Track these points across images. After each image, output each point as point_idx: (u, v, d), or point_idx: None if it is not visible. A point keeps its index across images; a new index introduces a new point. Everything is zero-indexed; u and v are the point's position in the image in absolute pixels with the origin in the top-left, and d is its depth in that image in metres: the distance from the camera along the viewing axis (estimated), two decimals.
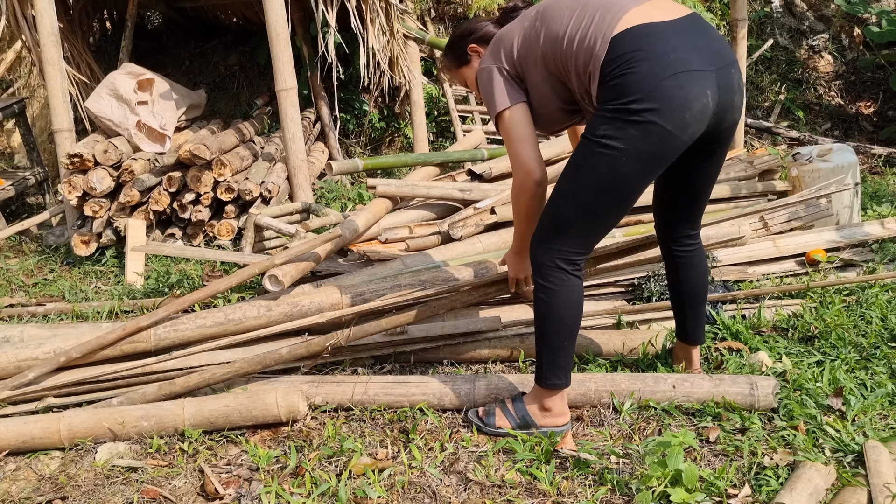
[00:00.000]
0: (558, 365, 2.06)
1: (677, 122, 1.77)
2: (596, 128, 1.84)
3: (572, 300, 2.01)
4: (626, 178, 1.85)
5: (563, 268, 1.98)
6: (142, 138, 4.55)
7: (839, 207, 3.83)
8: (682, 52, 1.77)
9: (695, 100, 1.77)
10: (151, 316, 2.49)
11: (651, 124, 1.76)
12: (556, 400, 2.11)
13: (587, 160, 1.88)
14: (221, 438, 2.21)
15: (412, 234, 3.22)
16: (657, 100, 1.75)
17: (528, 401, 2.15)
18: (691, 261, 2.26)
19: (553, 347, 2.05)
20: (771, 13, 7.38)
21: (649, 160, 1.83)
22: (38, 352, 2.45)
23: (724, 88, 1.83)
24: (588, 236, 1.98)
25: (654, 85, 1.74)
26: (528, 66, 2.02)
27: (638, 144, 1.79)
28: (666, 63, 1.75)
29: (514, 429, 2.13)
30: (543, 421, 2.12)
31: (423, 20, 6.81)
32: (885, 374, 2.39)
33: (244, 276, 2.66)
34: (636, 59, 1.76)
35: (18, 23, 4.51)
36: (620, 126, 1.79)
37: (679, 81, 1.75)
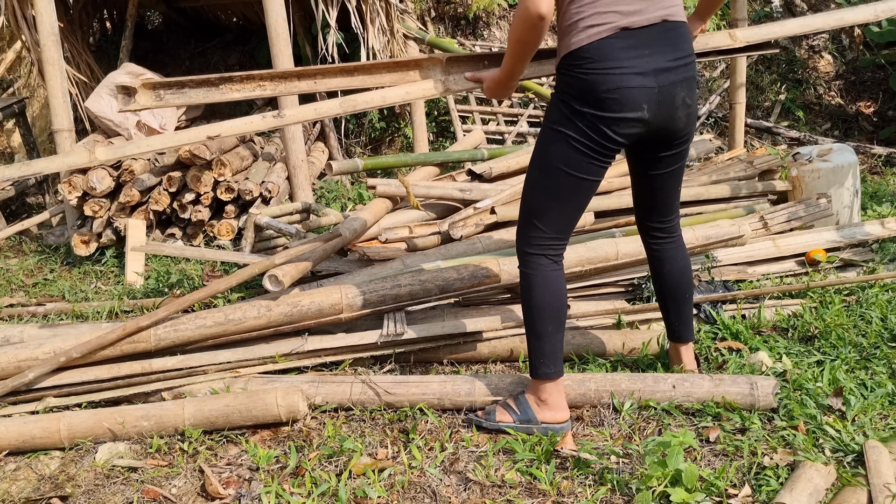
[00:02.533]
0: (545, 353, 2.11)
1: (610, 124, 1.96)
2: (551, 114, 2.04)
3: (552, 286, 2.08)
4: (579, 161, 2.00)
5: (541, 254, 2.08)
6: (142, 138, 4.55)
7: (839, 207, 3.83)
8: (628, 69, 1.92)
9: (629, 111, 1.94)
10: (152, 316, 2.49)
11: (590, 123, 1.96)
12: (552, 392, 2.13)
13: (546, 146, 2.05)
14: (221, 438, 2.21)
15: (412, 234, 3.22)
16: (596, 107, 1.94)
17: (528, 395, 2.18)
18: (666, 254, 2.32)
19: (538, 334, 2.10)
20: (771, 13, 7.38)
21: (594, 149, 1.99)
22: (38, 352, 2.45)
23: (663, 104, 1.98)
24: (560, 221, 2.08)
25: (597, 96, 1.93)
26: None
27: (581, 135, 1.97)
28: (610, 78, 1.92)
29: (515, 422, 2.14)
30: (543, 416, 2.13)
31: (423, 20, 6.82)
32: (885, 374, 2.39)
33: (244, 276, 2.66)
34: (589, 69, 1.93)
35: (18, 23, 4.52)
36: (568, 116, 1.98)
37: (616, 96, 1.93)
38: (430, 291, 2.66)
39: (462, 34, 6.97)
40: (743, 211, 3.72)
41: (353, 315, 2.62)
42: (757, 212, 3.62)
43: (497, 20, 7.14)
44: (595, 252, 2.83)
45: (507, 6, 7.22)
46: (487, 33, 7.07)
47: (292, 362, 2.54)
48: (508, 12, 7.27)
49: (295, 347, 2.55)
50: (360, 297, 2.61)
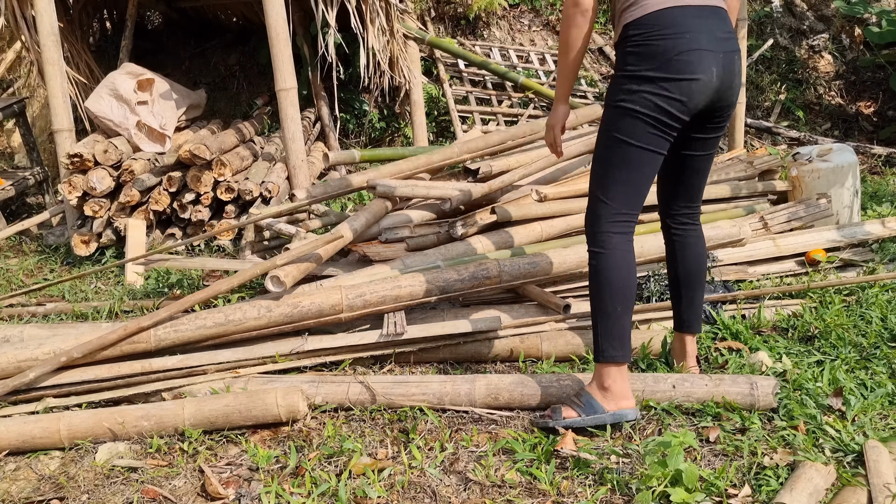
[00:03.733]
0: (613, 335, 2.09)
1: (685, 89, 2.01)
2: (614, 94, 2.08)
3: (621, 264, 2.09)
4: (645, 133, 2.04)
5: (611, 231, 2.10)
6: (142, 138, 4.56)
7: (839, 207, 3.83)
8: (696, 33, 2.00)
9: (701, 73, 2.01)
10: (152, 316, 2.49)
11: (661, 89, 2.00)
12: (615, 377, 2.10)
13: (610, 124, 2.09)
14: (221, 438, 2.21)
15: (412, 234, 3.22)
16: (669, 70, 1.99)
17: (590, 386, 2.15)
18: (688, 240, 2.35)
19: (606, 314, 2.09)
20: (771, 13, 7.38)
21: (659, 121, 2.03)
22: (38, 352, 2.45)
23: (726, 69, 2.05)
24: (628, 195, 2.10)
25: (669, 58, 1.99)
26: None
27: (647, 103, 2.01)
28: (682, 41, 1.99)
29: (582, 417, 2.11)
30: (609, 405, 2.11)
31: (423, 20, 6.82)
32: (885, 374, 2.39)
33: (246, 277, 2.66)
34: (658, 35, 2.00)
35: (18, 23, 4.51)
36: (635, 90, 2.02)
37: (690, 57, 1.99)
38: (430, 292, 2.66)
39: (462, 34, 6.97)
40: (743, 211, 3.72)
41: (354, 315, 2.62)
42: (757, 212, 3.63)
43: (497, 20, 7.14)
44: None
45: (507, 6, 7.22)
46: (487, 33, 7.07)
47: (292, 362, 2.54)
48: (509, 12, 7.27)
49: (295, 347, 2.55)
50: (361, 298, 2.61)
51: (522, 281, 2.79)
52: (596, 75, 6.84)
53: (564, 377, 2.31)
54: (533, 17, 7.35)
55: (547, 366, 2.55)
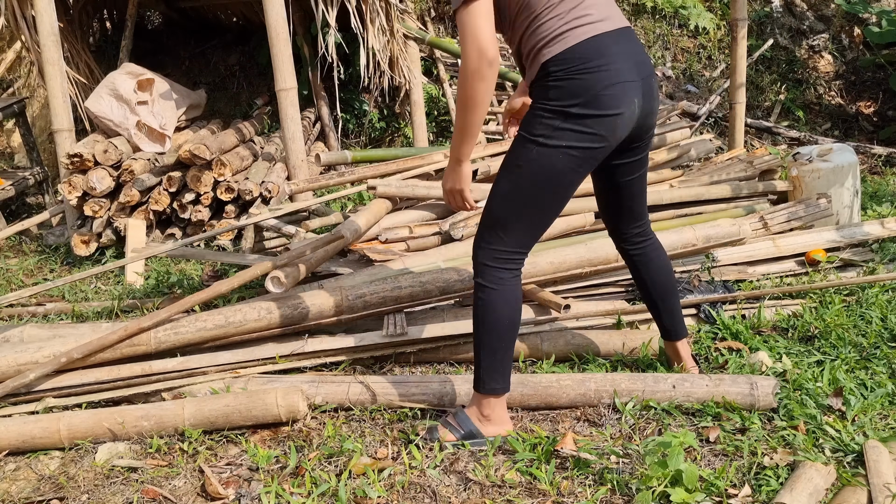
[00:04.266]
0: (496, 369, 2.05)
1: (608, 127, 1.92)
2: (533, 127, 1.94)
3: (511, 299, 2.03)
4: (562, 175, 1.95)
5: (502, 267, 2.02)
6: (142, 138, 4.56)
7: (839, 207, 3.83)
8: (619, 64, 1.92)
9: (625, 107, 1.93)
10: (152, 317, 2.49)
11: (587, 128, 1.90)
12: (494, 407, 2.09)
13: (525, 159, 1.96)
14: (221, 438, 2.21)
15: (412, 234, 3.22)
16: (595, 107, 1.89)
17: (470, 410, 2.12)
18: (648, 256, 2.31)
19: (491, 349, 2.04)
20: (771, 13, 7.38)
21: (582, 159, 1.94)
22: (37, 355, 2.44)
23: (646, 97, 1.99)
24: (527, 235, 2.03)
25: (596, 93, 1.89)
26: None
27: (573, 144, 1.91)
28: (607, 73, 1.90)
29: (458, 440, 2.09)
30: (486, 431, 2.09)
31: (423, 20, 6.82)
32: (885, 374, 2.39)
33: (246, 278, 2.66)
34: (584, 69, 1.89)
35: (18, 23, 4.52)
36: (558, 126, 1.91)
37: (615, 91, 1.90)
38: (430, 292, 2.66)
39: None
40: (743, 211, 3.72)
41: (354, 316, 2.62)
42: (757, 212, 3.63)
43: None
44: (595, 252, 2.83)
45: None
46: None
47: (292, 363, 2.54)
48: None
49: (295, 349, 2.55)
50: (361, 299, 2.61)
51: (522, 281, 2.78)
52: None
53: (564, 377, 2.31)
54: None
55: (547, 366, 2.55)
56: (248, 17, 6.50)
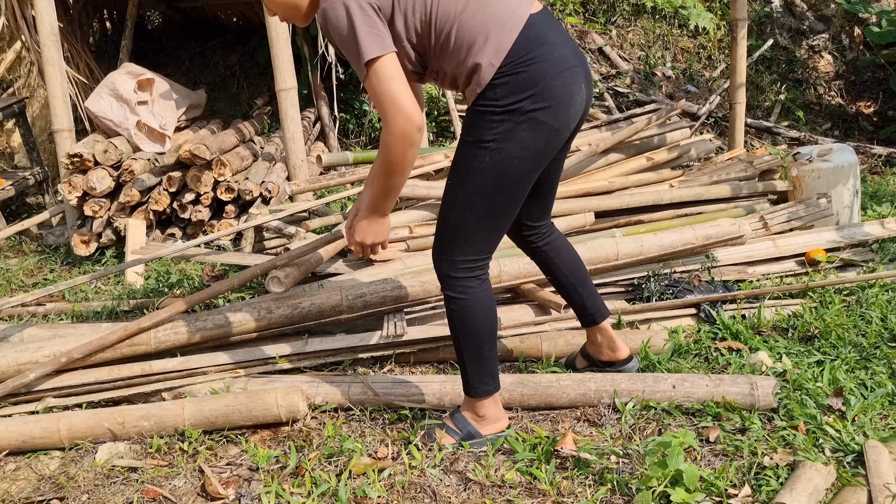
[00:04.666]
0: (484, 372, 2.03)
1: (563, 118, 1.83)
2: (482, 132, 1.83)
3: (485, 305, 1.98)
4: (517, 177, 1.87)
5: (470, 276, 1.96)
6: (142, 138, 4.56)
7: (839, 207, 3.83)
8: (561, 49, 1.82)
9: (576, 94, 1.84)
10: (152, 317, 2.49)
11: (540, 123, 1.80)
12: (488, 405, 2.08)
13: (477, 165, 1.86)
14: (221, 438, 2.21)
15: (412, 234, 3.22)
16: (546, 98, 1.79)
17: (465, 412, 2.12)
18: (558, 245, 2.26)
19: (475, 356, 2.01)
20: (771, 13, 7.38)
21: (538, 157, 1.86)
22: (37, 355, 2.44)
23: (587, 82, 1.90)
24: (489, 240, 1.97)
25: (544, 84, 1.78)
26: (399, 14, 1.80)
27: (528, 144, 1.82)
28: (552, 61, 1.79)
29: (458, 442, 2.09)
30: (484, 430, 2.09)
31: None
32: (885, 374, 2.39)
33: (246, 278, 2.66)
34: (527, 58, 1.78)
35: (18, 23, 4.52)
36: (510, 128, 1.80)
37: (564, 78, 1.81)
38: (430, 292, 2.66)
39: None
40: (743, 211, 3.72)
41: (354, 316, 2.62)
42: (757, 212, 3.63)
43: None
44: (595, 252, 2.83)
45: None
46: None
47: (292, 363, 2.54)
48: None
49: (295, 349, 2.55)
50: (361, 299, 2.61)
51: (522, 280, 2.79)
52: (596, 75, 6.84)
53: (564, 377, 2.31)
54: None
55: (547, 366, 2.55)
56: (248, 17, 6.50)
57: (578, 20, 7.31)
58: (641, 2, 7.27)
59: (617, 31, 7.36)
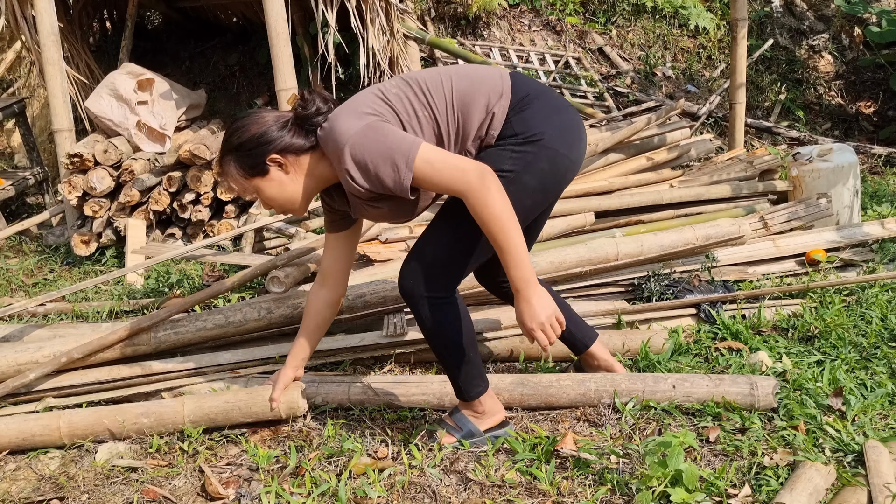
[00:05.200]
0: (472, 374, 2.04)
1: (577, 152, 1.93)
2: (502, 162, 1.86)
3: (459, 316, 1.97)
4: (527, 209, 1.91)
5: (441, 296, 1.95)
6: (142, 138, 4.56)
7: (839, 207, 3.83)
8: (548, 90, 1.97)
9: (584, 132, 1.97)
10: (152, 317, 2.49)
11: (560, 155, 1.89)
12: (484, 402, 2.09)
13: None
14: (221, 438, 2.21)
15: (412, 234, 3.22)
16: (563, 129, 1.90)
17: (463, 412, 2.12)
18: None
19: (459, 363, 2.01)
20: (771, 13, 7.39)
21: (550, 191, 1.94)
22: (37, 355, 2.44)
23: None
24: (471, 268, 2.01)
25: (557, 118, 1.90)
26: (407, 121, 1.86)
27: (545, 176, 1.88)
28: (553, 99, 1.93)
29: (460, 441, 2.09)
30: (483, 424, 2.10)
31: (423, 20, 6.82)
32: (885, 374, 2.39)
33: (246, 278, 2.66)
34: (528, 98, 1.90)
35: (18, 23, 4.52)
36: (531, 159, 1.86)
37: (570, 114, 1.93)
38: None
39: (462, 34, 6.97)
40: (743, 211, 3.73)
41: (354, 316, 2.62)
42: (757, 212, 3.63)
43: (497, 20, 7.14)
44: (595, 252, 2.83)
45: (508, 6, 7.23)
46: (487, 33, 7.07)
47: None
48: (509, 12, 7.27)
49: None
50: (361, 299, 2.61)
51: None
52: (596, 75, 6.84)
53: (564, 377, 2.30)
54: (533, 17, 7.35)
55: (546, 366, 2.55)
56: (248, 17, 6.49)
57: (578, 20, 7.32)
58: (641, 2, 7.27)
59: (617, 31, 7.36)
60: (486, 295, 2.83)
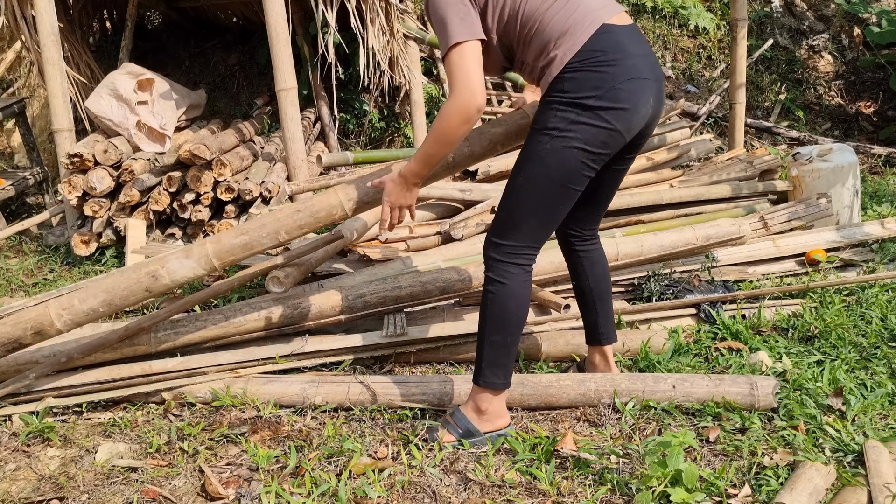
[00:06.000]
0: (499, 363, 2.05)
1: (625, 122, 1.91)
2: (547, 120, 1.92)
3: (520, 295, 2.02)
4: (574, 169, 1.93)
5: (511, 262, 2.01)
6: (142, 138, 4.55)
7: (839, 207, 3.83)
8: (636, 59, 1.91)
9: (641, 105, 1.93)
10: (152, 317, 2.49)
11: (602, 121, 1.88)
12: (492, 401, 2.08)
13: (537, 152, 1.95)
14: (222, 438, 2.21)
15: (412, 234, 3.22)
16: (612, 100, 1.87)
17: (465, 407, 2.12)
18: (594, 256, 2.31)
19: (496, 344, 2.04)
20: (771, 13, 7.38)
21: (595, 154, 1.92)
22: (37, 355, 2.44)
23: (657, 99, 1.99)
24: (538, 231, 2.01)
25: (612, 86, 1.87)
26: (490, 7, 1.96)
27: (587, 138, 1.89)
28: (624, 67, 1.88)
29: (458, 440, 2.09)
30: (484, 427, 2.09)
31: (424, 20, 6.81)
32: (885, 374, 2.39)
33: (246, 278, 2.66)
34: (600, 59, 1.88)
35: (18, 23, 4.51)
36: (573, 119, 1.89)
37: (633, 86, 1.89)
38: (430, 292, 2.66)
39: None
40: (743, 211, 3.73)
41: (354, 316, 2.62)
42: (757, 212, 3.63)
43: None
44: None
45: None
46: None
47: (292, 363, 2.54)
48: None
49: (295, 348, 2.55)
50: (361, 299, 2.61)
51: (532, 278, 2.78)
52: None
53: (564, 377, 2.31)
54: None
55: (546, 366, 2.55)
56: (248, 17, 6.49)
57: None
58: (641, 2, 7.27)
59: None
60: None
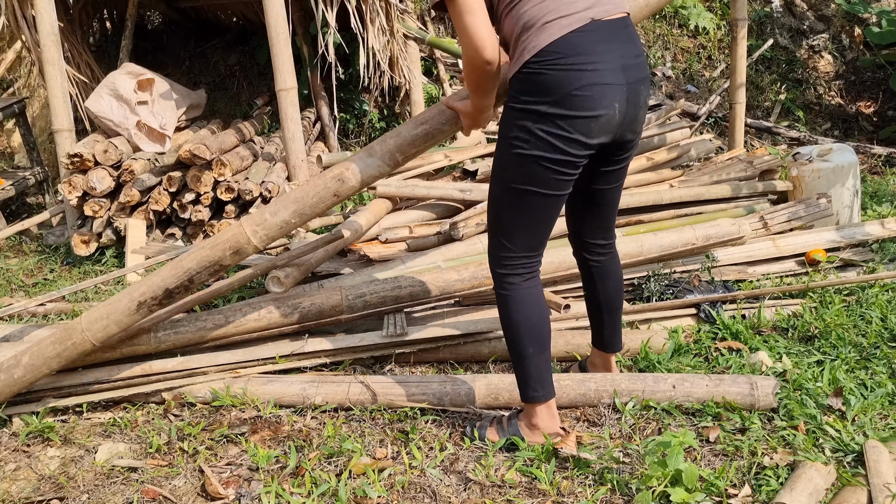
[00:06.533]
0: (531, 375, 2.01)
1: (583, 127, 1.81)
2: (507, 128, 1.88)
3: (528, 305, 1.98)
4: (542, 176, 1.86)
5: (512, 273, 1.98)
6: (142, 138, 4.55)
7: (839, 207, 3.83)
8: (601, 64, 1.80)
9: (602, 109, 1.81)
10: (152, 317, 2.48)
11: (559, 129, 1.80)
12: (542, 415, 2.05)
13: (503, 159, 1.92)
14: (221, 438, 2.21)
15: (412, 234, 3.22)
16: (567, 107, 1.79)
17: (520, 420, 2.12)
18: (607, 269, 2.23)
19: (520, 356, 2.00)
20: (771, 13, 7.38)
21: (559, 160, 1.85)
22: None
23: (630, 102, 1.86)
24: (529, 238, 1.96)
25: (567, 93, 1.78)
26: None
27: (544, 146, 1.82)
28: (583, 74, 1.78)
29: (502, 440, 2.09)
30: (532, 439, 2.08)
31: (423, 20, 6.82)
32: (885, 374, 2.39)
33: (246, 278, 2.66)
34: (557, 65, 1.78)
35: (18, 23, 4.51)
36: (529, 128, 1.83)
37: (590, 92, 1.78)
38: (430, 292, 2.66)
39: None
40: (743, 211, 3.73)
41: (354, 316, 2.62)
42: (757, 212, 3.63)
43: None
44: None
45: None
46: None
47: (292, 363, 2.54)
48: None
49: (295, 349, 2.55)
50: (361, 299, 2.61)
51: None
52: None
53: (564, 377, 2.30)
54: None
55: None
56: (248, 17, 6.49)
57: None
58: None
59: None
60: (486, 294, 2.84)
